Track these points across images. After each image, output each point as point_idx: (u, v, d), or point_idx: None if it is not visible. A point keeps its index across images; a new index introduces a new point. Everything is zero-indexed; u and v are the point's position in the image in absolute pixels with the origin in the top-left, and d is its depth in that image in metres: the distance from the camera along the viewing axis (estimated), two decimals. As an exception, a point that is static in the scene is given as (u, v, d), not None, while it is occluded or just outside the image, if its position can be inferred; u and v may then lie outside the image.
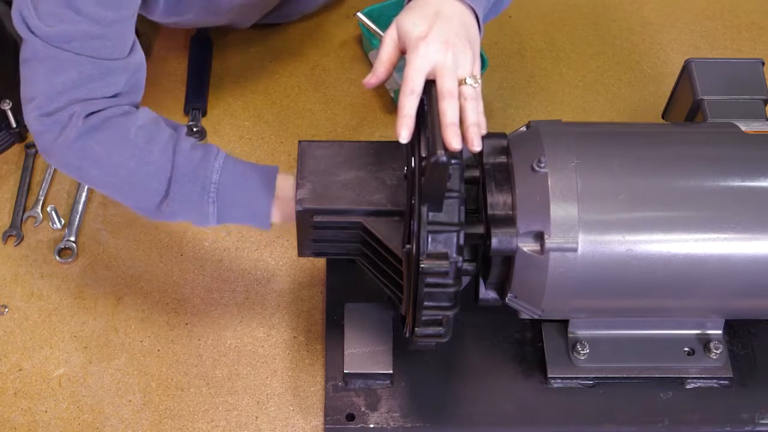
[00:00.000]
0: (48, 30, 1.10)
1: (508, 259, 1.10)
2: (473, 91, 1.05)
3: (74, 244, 1.40)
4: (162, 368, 1.31)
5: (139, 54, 1.18)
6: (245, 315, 1.35)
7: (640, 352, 1.23)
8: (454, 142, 0.99)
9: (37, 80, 1.13)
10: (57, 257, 1.39)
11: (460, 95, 1.04)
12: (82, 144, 1.13)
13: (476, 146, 1.03)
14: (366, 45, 1.59)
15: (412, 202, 1.06)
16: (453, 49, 1.04)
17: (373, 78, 1.09)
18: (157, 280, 1.38)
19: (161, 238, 1.41)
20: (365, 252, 1.15)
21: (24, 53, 1.14)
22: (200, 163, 1.14)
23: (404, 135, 1.02)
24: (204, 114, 1.54)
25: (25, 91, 1.15)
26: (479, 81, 1.06)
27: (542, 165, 1.08)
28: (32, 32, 1.11)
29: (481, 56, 1.11)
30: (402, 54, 1.09)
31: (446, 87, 1.02)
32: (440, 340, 1.10)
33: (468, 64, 1.05)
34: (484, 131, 1.06)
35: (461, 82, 1.05)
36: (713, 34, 1.66)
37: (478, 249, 1.12)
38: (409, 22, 1.06)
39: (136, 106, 1.19)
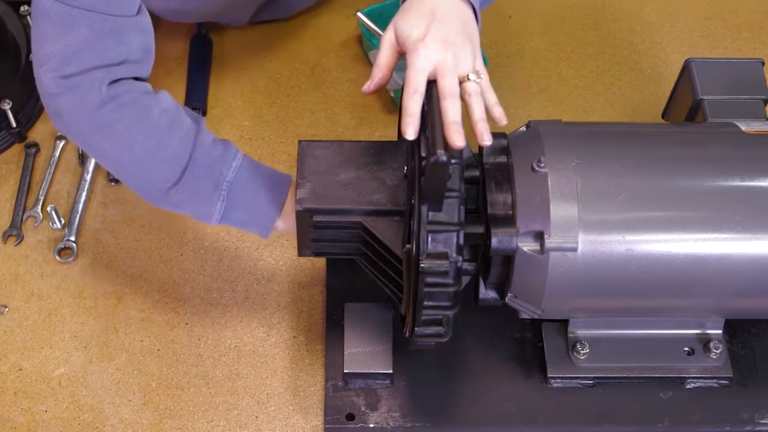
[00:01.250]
0: None
1: (508, 258, 1.10)
2: (477, 87, 1.05)
3: (74, 244, 1.40)
4: (162, 368, 1.31)
5: (147, 17, 1.17)
6: (245, 315, 1.35)
7: (640, 352, 1.23)
8: (458, 140, 0.99)
9: (49, 39, 1.11)
10: (57, 257, 1.39)
11: (464, 92, 1.04)
12: (102, 115, 1.11)
13: (486, 140, 1.03)
14: (366, 45, 1.59)
15: (412, 201, 1.06)
16: (452, 47, 1.04)
17: (372, 84, 1.09)
18: (157, 280, 1.38)
19: (161, 238, 1.41)
20: (365, 252, 1.15)
21: (34, 10, 1.12)
22: (218, 159, 1.14)
23: (410, 132, 1.02)
24: (204, 114, 1.54)
25: (38, 51, 1.12)
26: (482, 75, 1.06)
27: (542, 165, 1.08)
28: None
29: (482, 56, 1.10)
30: (401, 56, 1.09)
31: (447, 87, 1.02)
32: (440, 340, 1.11)
33: (469, 61, 1.05)
34: (504, 121, 1.07)
35: (464, 79, 1.04)
36: (713, 34, 1.66)
37: (478, 249, 1.11)
38: (407, 24, 1.06)
39: (148, 77, 1.17)
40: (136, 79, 1.16)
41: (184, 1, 1.40)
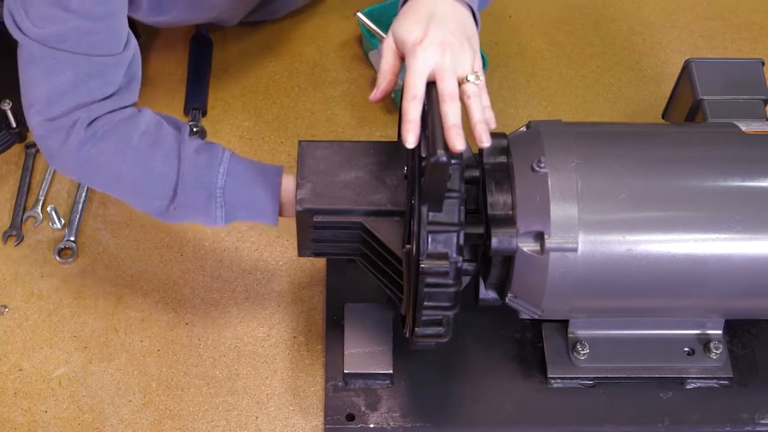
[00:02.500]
0: (40, 32, 1.10)
1: (508, 259, 1.10)
2: (476, 88, 1.05)
3: (74, 244, 1.40)
4: (162, 368, 1.31)
5: (134, 46, 1.18)
6: (245, 315, 1.35)
7: (640, 352, 1.23)
8: (458, 144, 0.99)
9: (36, 83, 1.14)
10: (57, 257, 1.39)
11: (463, 94, 1.04)
12: (85, 153, 1.14)
13: (485, 142, 1.03)
14: (366, 45, 1.59)
15: (412, 202, 1.06)
16: (450, 49, 1.03)
17: (378, 93, 1.10)
18: (157, 280, 1.38)
19: (161, 238, 1.41)
20: (365, 252, 1.15)
21: (20, 57, 1.14)
22: (205, 169, 1.15)
23: (411, 140, 1.02)
24: (204, 114, 1.53)
25: (26, 95, 1.15)
26: (481, 77, 1.06)
27: (542, 165, 1.08)
28: (25, 35, 1.11)
29: (482, 56, 1.11)
30: (402, 60, 1.09)
31: (446, 89, 1.02)
32: (440, 340, 1.11)
33: (467, 62, 1.05)
34: (493, 125, 1.06)
35: (463, 81, 1.04)
36: (713, 34, 1.66)
37: (478, 249, 1.11)
38: (404, 28, 1.06)
39: (135, 103, 1.19)
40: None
41: (173, 17, 1.41)
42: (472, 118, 1.03)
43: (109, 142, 1.14)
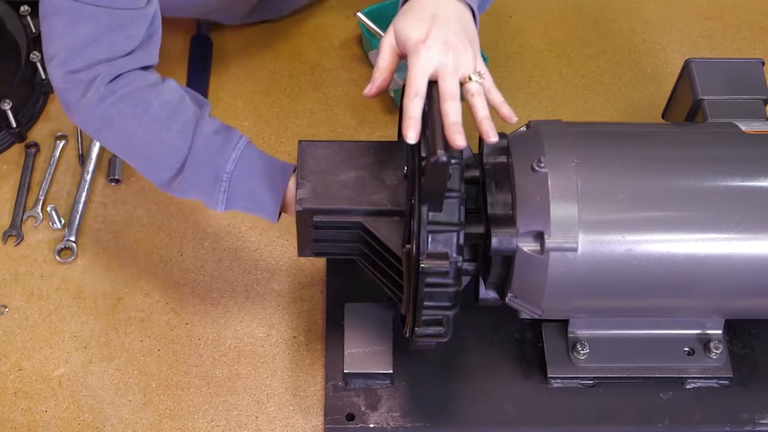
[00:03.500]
0: None
1: (508, 259, 1.10)
2: (479, 87, 1.05)
3: (74, 244, 1.40)
4: (162, 368, 1.31)
5: (156, 3, 1.18)
6: (245, 315, 1.35)
7: (640, 352, 1.23)
8: (459, 140, 0.99)
9: (58, 34, 1.13)
10: (57, 257, 1.39)
11: (467, 92, 1.04)
12: (102, 109, 1.14)
13: (492, 137, 1.03)
14: (366, 45, 1.59)
15: (412, 202, 1.06)
16: (453, 49, 1.04)
17: (374, 88, 1.10)
18: (157, 280, 1.38)
19: (161, 238, 1.41)
20: (365, 252, 1.15)
21: (42, 8, 1.14)
22: (218, 151, 1.15)
23: (412, 136, 1.02)
24: (204, 114, 1.53)
25: (47, 47, 1.15)
26: (484, 75, 1.06)
27: (542, 165, 1.08)
28: None
29: (482, 56, 1.11)
30: (401, 58, 1.09)
31: (448, 89, 1.02)
32: (440, 340, 1.10)
33: (470, 63, 1.05)
34: (514, 118, 1.07)
35: (465, 80, 1.04)
36: (713, 34, 1.66)
37: (478, 249, 1.11)
38: (407, 26, 1.06)
39: (155, 64, 1.20)
40: (145, 68, 1.17)
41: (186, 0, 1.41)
42: (477, 115, 1.04)
43: (128, 104, 1.14)
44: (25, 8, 1.55)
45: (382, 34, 1.49)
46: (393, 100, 1.53)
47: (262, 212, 1.18)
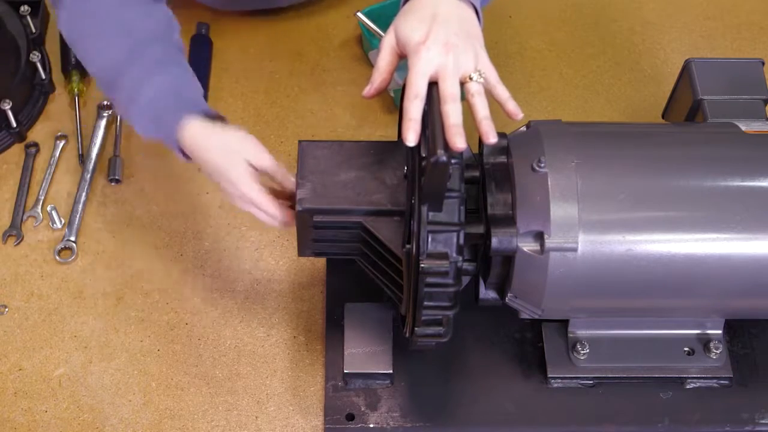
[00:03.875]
0: None
1: (508, 259, 1.10)
2: (479, 87, 1.04)
3: (74, 244, 1.40)
4: (162, 368, 1.31)
5: None
6: (245, 315, 1.35)
7: (640, 352, 1.23)
8: (459, 142, 0.99)
9: None
10: (57, 257, 1.39)
11: (467, 92, 1.04)
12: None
13: (491, 138, 1.03)
14: (366, 45, 1.59)
15: (412, 202, 1.06)
16: (454, 50, 1.03)
17: (372, 89, 1.09)
18: (157, 280, 1.38)
19: (161, 238, 1.41)
20: (365, 252, 1.15)
21: None
22: (155, 65, 1.19)
23: (411, 138, 1.02)
24: (204, 114, 1.53)
25: None
26: (487, 73, 1.05)
27: (542, 165, 1.08)
28: None
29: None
30: (401, 59, 1.09)
31: (448, 90, 1.02)
32: (440, 340, 1.10)
33: (470, 63, 1.05)
34: (520, 114, 1.06)
35: (466, 80, 1.04)
36: (713, 34, 1.66)
37: (478, 249, 1.11)
38: (408, 26, 1.06)
39: None
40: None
41: None
42: (477, 115, 1.03)
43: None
44: (25, 8, 1.55)
45: (382, 34, 1.49)
46: (393, 100, 1.53)
47: (166, 139, 1.18)
